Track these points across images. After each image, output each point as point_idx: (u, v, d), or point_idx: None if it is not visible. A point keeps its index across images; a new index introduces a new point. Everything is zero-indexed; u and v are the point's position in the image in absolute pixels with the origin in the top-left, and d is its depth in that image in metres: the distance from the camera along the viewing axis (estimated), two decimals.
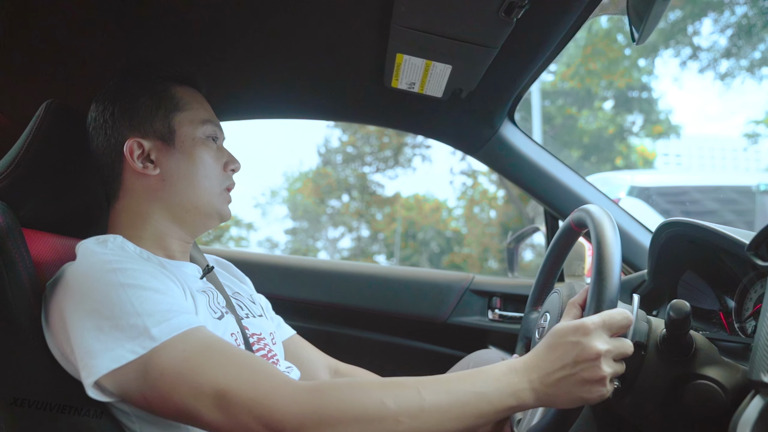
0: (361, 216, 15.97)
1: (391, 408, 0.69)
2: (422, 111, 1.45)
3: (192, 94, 1.03)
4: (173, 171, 0.96)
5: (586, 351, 0.71)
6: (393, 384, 0.72)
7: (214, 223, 1.02)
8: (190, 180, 0.97)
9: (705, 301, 1.10)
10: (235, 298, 1.06)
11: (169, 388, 0.71)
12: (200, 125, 0.99)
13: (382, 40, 1.12)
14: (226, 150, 1.04)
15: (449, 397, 0.71)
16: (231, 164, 1.03)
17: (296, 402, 0.69)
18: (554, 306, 0.95)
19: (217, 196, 1.00)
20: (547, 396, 0.73)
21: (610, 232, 0.82)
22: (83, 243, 0.88)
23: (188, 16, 1.11)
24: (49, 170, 0.96)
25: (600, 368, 0.71)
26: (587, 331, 0.72)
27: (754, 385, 0.71)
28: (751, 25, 10.77)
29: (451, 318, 1.63)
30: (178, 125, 0.98)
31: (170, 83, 1.01)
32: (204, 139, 0.99)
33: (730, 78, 11.91)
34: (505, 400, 0.72)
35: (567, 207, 1.48)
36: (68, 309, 0.77)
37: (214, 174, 1.00)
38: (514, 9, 0.92)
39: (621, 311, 0.75)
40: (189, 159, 0.97)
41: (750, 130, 14.15)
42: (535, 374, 0.73)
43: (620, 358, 0.75)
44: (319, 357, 1.23)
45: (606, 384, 0.72)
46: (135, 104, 0.97)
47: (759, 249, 0.77)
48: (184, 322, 0.76)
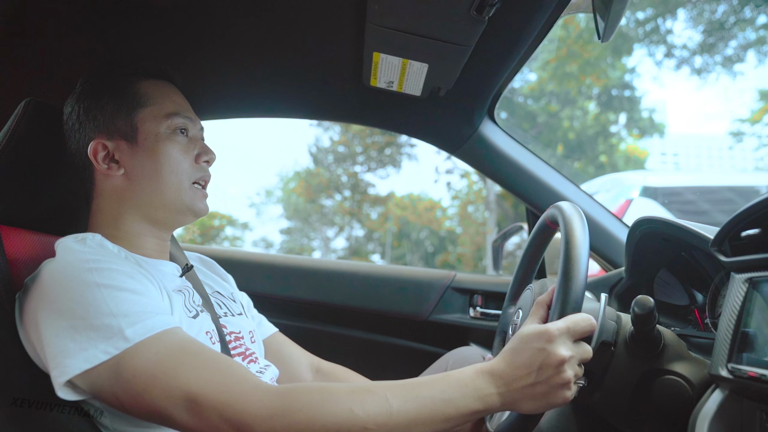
0: (352, 215, 15.98)
1: (359, 415, 0.70)
2: (402, 109, 1.46)
3: (159, 88, 1.00)
4: (137, 170, 0.95)
5: (551, 357, 0.73)
6: (361, 391, 0.73)
7: (188, 219, 1.00)
8: (156, 177, 0.95)
9: (680, 298, 1.11)
10: (214, 296, 1.06)
11: (141, 390, 0.71)
12: (164, 119, 0.97)
13: (359, 39, 1.12)
14: (199, 141, 1.02)
15: (416, 404, 0.72)
16: (203, 156, 1.00)
17: (266, 406, 0.70)
18: (527, 303, 0.96)
19: (187, 191, 0.98)
20: (513, 401, 0.74)
21: (578, 232, 0.81)
22: (62, 241, 0.88)
23: (168, 15, 1.11)
24: (28, 168, 0.95)
25: (565, 374, 0.73)
26: (551, 337, 0.73)
27: (714, 379, 0.72)
28: (722, 21, 10.87)
29: (433, 315, 1.63)
30: (140, 122, 0.96)
31: (134, 79, 0.99)
32: (169, 133, 0.97)
33: (705, 73, 12.02)
34: (471, 405, 0.73)
35: (547, 204, 1.48)
36: (43, 307, 0.77)
37: (181, 168, 0.97)
38: (485, 7, 0.92)
39: (584, 317, 0.76)
40: (152, 156, 0.95)
41: (735, 128, 14.31)
42: (502, 380, 0.74)
43: (582, 362, 0.76)
44: (301, 355, 1.23)
45: (570, 387, 0.74)
46: (98, 104, 0.96)
47: (722, 245, 0.78)
48: (159, 323, 0.76)
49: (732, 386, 0.69)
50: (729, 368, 0.69)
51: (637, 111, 13.39)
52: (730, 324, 0.71)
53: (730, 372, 0.68)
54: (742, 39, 11.37)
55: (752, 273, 0.72)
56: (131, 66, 1.00)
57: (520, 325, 0.93)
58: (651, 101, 22.63)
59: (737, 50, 11.47)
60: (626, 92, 13.22)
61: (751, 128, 13.78)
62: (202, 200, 1.00)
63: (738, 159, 17.62)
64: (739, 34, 11.28)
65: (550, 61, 12.42)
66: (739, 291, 0.72)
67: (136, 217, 0.97)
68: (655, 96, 35.12)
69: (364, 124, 1.61)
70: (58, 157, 1.01)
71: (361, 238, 16.59)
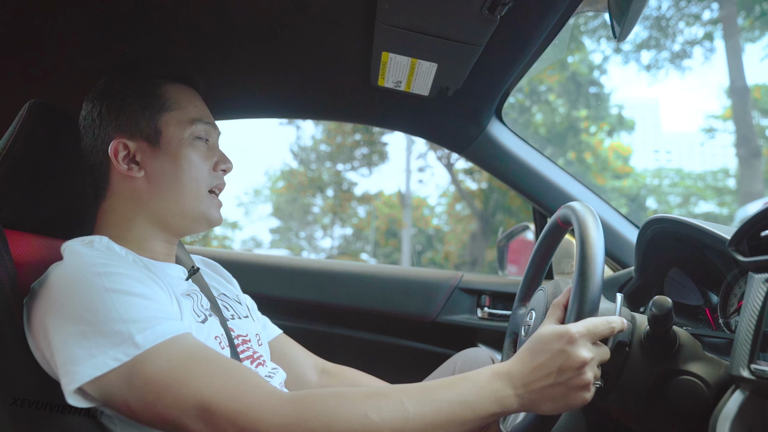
0: (335, 214, 15.98)
1: (375, 421, 0.69)
2: (409, 109, 1.45)
3: (184, 93, 1.00)
4: (158, 173, 0.94)
5: (572, 359, 0.72)
6: (377, 395, 0.72)
7: (202, 228, 1.00)
8: (175, 182, 0.95)
9: (691, 297, 1.11)
10: (221, 299, 1.05)
11: (153, 398, 0.71)
12: (188, 125, 0.97)
13: (368, 39, 1.11)
14: (218, 150, 1.02)
15: (433, 407, 0.71)
16: (221, 164, 1.00)
17: (280, 414, 0.69)
18: (539, 304, 0.95)
19: (204, 198, 0.98)
20: (532, 402, 0.73)
21: (593, 232, 0.81)
22: (69, 244, 0.87)
23: (172, 15, 1.11)
24: (32, 171, 0.95)
25: (585, 375, 0.72)
26: (572, 339, 0.73)
27: (734, 380, 0.72)
28: (668, 18, 10.95)
29: (440, 316, 1.63)
30: (164, 126, 0.95)
31: (160, 82, 0.98)
32: (191, 139, 0.97)
33: (655, 69, 12.05)
34: (489, 408, 0.72)
35: (555, 205, 1.48)
36: (51, 313, 0.76)
37: (201, 176, 0.97)
38: (498, 6, 0.92)
39: (604, 321, 0.76)
40: (174, 161, 0.95)
41: (707, 125, 14.32)
42: (520, 381, 0.73)
43: (600, 364, 0.76)
44: (306, 356, 1.22)
45: (590, 389, 0.73)
46: (122, 104, 0.95)
47: (740, 245, 0.78)
48: (170, 329, 0.75)
49: (754, 387, 0.69)
50: (751, 369, 0.68)
51: (605, 108, 13.28)
52: (750, 324, 0.70)
53: (753, 373, 0.68)
54: (689, 35, 11.45)
55: None
56: (158, 68, 0.99)
57: (534, 327, 0.93)
58: (621, 97, 22.54)
59: (684, 46, 11.55)
60: (592, 89, 13.13)
61: (723, 125, 13.89)
62: (217, 209, 1.01)
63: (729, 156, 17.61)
64: (686, 29, 11.36)
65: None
66: (759, 291, 0.72)
67: (149, 219, 0.96)
68: (647, 93, 35.01)
69: (370, 124, 1.61)
70: (64, 160, 1.00)
71: (350, 236, 16.53)
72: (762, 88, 11.21)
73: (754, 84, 10.72)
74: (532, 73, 1.27)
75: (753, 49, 11.97)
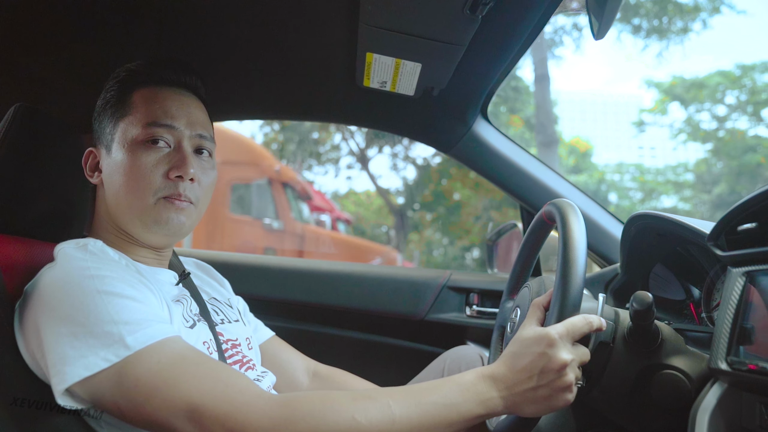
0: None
1: (361, 423, 0.70)
2: (395, 109, 1.46)
3: (151, 95, 0.94)
4: (107, 178, 0.94)
5: (552, 362, 0.73)
6: (364, 398, 0.73)
7: (158, 236, 0.94)
8: (120, 186, 0.91)
9: (675, 292, 1.12)
10: (211, 303, 1.05)
11: (142, 399, 0.71)
12: (141, 128, 0.91)
13: (352, 40, 1.12)
14: (178, 154, 0.92)
15: (419, 410, 0.72)
16: (175, 171, 0.91)
17: (269, 416, 0.70)
18: (524, 301, 0.96)
19: (152, 206, 0.90)
20: (515, 405, 0.75)
21: (576, 233, 0.81)
22: (63, 247, 0.86)
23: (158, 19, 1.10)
24: (19, 174, 0.95)
25: (567, 377, 0.73)
26: (552, 341, 0.74)
27: (714, 373, 0.73)
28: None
29: (429, 315, 1.63)
30: (120, 130, 0.93)
31: (130, 86, 0.95)
32: (141, 143, 0.90)
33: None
34: (474, 410, 0.73)
35: (541, 202, 1.49)
36: (42, 314, 0.77)
37: (147, 181, 0.90)
38: (479, 6, 0.92)
39: (581, 318, 0.77)
40: (120, 164, 0.91)
41: (637, 119, 14.47)
42: (503, 384, 0.75)
43: (581, 365, 0.77)
44: (298, 359, 1.22)
45: (572, 390, 0.74)
46: (102, 116, 0.97)
47: (718, 240, 0.78)
48: (160, 331, 0.76)
49: (732, 379, 0.70)
50: (728, 361, 0.69)
51: (521, 101, 13.19)
52: (728, 318, 0.71)
53: (730, 365, 0.69)
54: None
55: (749, 267, 0.72)
56: (126, 74, 0.97)
57: (518, 326, 0.94)
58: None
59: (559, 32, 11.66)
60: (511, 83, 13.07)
61: (653, 118, 14.10)
62: (173, 213, 0.91)
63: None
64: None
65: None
66: (736, 285, 0.73)
67: (119, 225, 0.95)
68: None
69: (357, 124, 1.61)
70: (49, 163, 1.00)
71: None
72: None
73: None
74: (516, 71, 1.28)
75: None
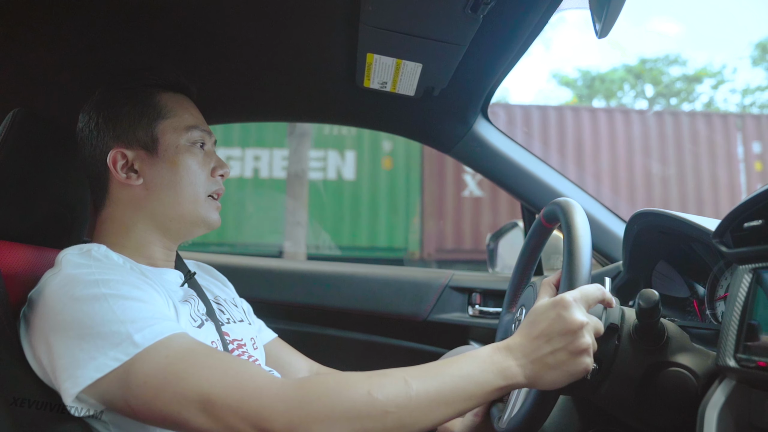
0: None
1: (378, 399, 0.68)
2: (395, 110, 1.45)
3: (178, 100, 1.02)
4: (156, 180, 0.96)
5: (569, 323, 0.72)
6: (378, 375, 0.72)
7: (201, 231, 1.01)
8: (174, 188, 0.96)
9: (678, 290, 1.12)
10: (216, 302, 1.06)
11: (153, 395, 0.71)
12: (184, 132, 0.98)
13: (352, 40, 1.11)
14: (214, 155, 1.04)
15: (436, 382, 0.71)
16: (219, 169, 1.02)
17: (282, 399, 0.69)
18: (530, 299, 0.96)
19: (203, 203, 0.99)
20: (534, 373, 0.73)
21: (578, 217, 0.84)
22: (66, 253, 0.87)
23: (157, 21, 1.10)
24: (18, 180, 0.94)
25: (584, 338, 0.72)
26: (567, 304, 0.74)
27: (722, 370, 0.73)
28: None
29: (432, 315, 1.63)
30: (161, 134, 0.97)
31: (155, 90, 1.00)
32: (188, 146, 0.98)
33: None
34: (492, 380, 0.72)
35: (543, 201, 1.49)
36: (50, 321, 0.77)
37: (199, 181, 0.99)
38: (480, 5, 0.92)
39: (595, 285, 0.77)
40: (172, 167, 0.96)
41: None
42: (520, 352, 0.74)
43: (596, 334, 0.76)
44: (301, 361, 1.22)
45: (590, 353, 0.73)
46: (119, 114, 0.97)
47: (724, 237, 0.78)
48: (167, 328, 0.76)
49: (740, 376, 0.70)
50: (737, 358, 0.69)
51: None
52: (735, 315, 0.71)
53: (738, 362, 0.69)
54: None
55: (756, 263, 0.72)
56: (153, 77, 1.01)
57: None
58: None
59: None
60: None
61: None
62: (215, 212, 1.02)
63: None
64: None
65: None
66: (743, 282, 0.73)
67: (149, 226, 0.97)
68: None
69: (357, 125, 1.61)
70: (49, 168, 1.00)
71: None
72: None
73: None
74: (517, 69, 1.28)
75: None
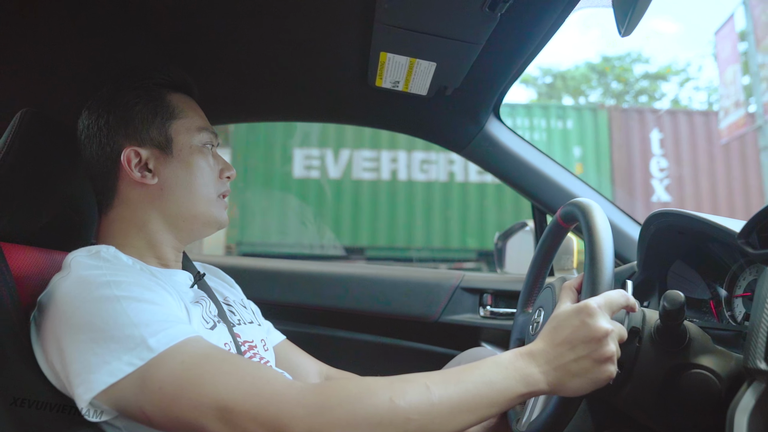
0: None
1: (400, 405, 0.67)
2: (407, 109, 1.45)
3: (186, 101, 1.02)
4: (172, 180, 0.96)
5: (593, 330, 0.71)
6: (400, 380, 0.71)
7: (212, 231, 1.02)
8: (189, 188, 0.97)
9: (695, 290, 1.11)
10: (226, 303, 1.05)
11: (169, 402, 0.69)
12: (197, 133, 0.99)
13: (366, 39, 1.10)
14: (220, 157, 1.05)
15: (458, 389, 0.69)
16: (227, 171, 1.04)
17: (302, 405, 0.67)
18: (548, 301, 0.95)
19: (214, 203, 1.00)
20: (557, 380, 0.72)
21: (599, 219, 0.84)
22: (75, 255, 0.85)
23: (166, 18, 1.09)
24: (26, 181, 0.93)
25: (608, 346, 0.71)
26: (592, 311, 0.72)
27: (750, 373, 0.71)
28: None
29: (443, 316, 1.62)
30: (174, 133, 0.97)
31: (164, 90, 1.00)
32: (200, 146, 0.99)
33: None
34: (515, 387, 0.71)
35: (555, 202, 1.48)
36: (62, 324, 0.75)
37: (210, 181, 1.00)
38: (499, 3, 0.91)
39: (619, 291, 0.77)
40: (187, 167, 0.97)
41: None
42: (543, 359, 0.73)
43: (619, 341, 0.75)
44: (310, 363, 1.21)
45: (614, 361, 0.72)
46: (130, 112, 0.95)
47: (749, 237, 0.77)
48: (181, 331, 0.74)
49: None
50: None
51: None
52: (766, 317, 0.70)
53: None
54: None
55: None
56: (161, 76, 1.00)
57: (542, 326, 0.92)
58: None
59: None
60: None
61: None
62: (225, 212, 1.03)
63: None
64: None
65: None
66: None
67: (160, 226, 0.96)
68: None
69: (368, 125, 1.60)
70: (57, 169, 0.99)
71: None
72: None
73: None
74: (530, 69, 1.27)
75: None
